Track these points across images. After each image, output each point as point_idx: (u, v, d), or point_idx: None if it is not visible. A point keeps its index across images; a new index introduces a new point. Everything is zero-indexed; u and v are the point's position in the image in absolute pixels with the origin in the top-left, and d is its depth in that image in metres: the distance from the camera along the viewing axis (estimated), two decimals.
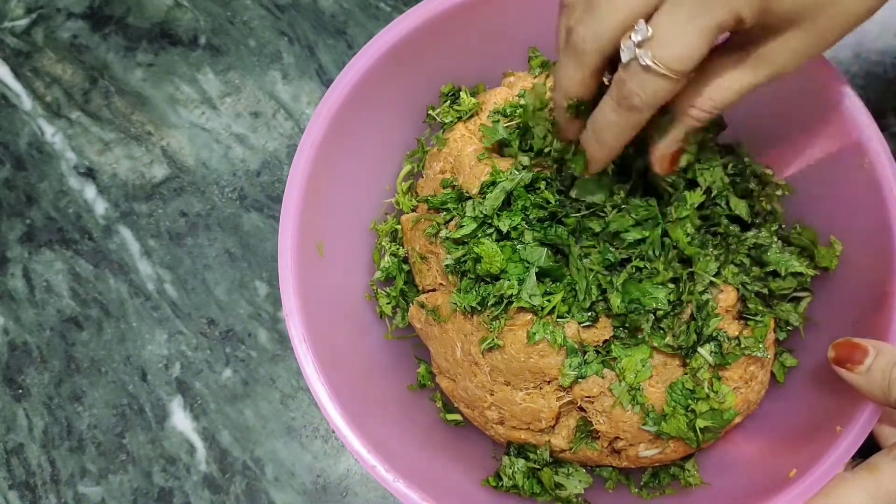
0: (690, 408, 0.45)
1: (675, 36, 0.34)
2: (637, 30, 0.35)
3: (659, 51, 0.35)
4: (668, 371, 0.46)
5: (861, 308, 0.46)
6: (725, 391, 0.46)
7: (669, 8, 0.35)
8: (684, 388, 0.45)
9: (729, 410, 0.46)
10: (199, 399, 0.61)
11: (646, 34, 0.35)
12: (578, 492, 0.48)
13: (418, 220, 0.51)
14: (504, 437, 0.49)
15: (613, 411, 0.45)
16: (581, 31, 0.37)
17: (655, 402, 0.45)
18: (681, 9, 0.34)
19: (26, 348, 0.63)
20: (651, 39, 0.35)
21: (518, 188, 0.47)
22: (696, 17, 0.34)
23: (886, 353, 0.40)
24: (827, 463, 0.41)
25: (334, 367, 0.46)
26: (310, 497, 0.59)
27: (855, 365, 0.41)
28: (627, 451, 0.47)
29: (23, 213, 0.66)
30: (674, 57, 0.35)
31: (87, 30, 0.70)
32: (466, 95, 0.54)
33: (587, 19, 0.37)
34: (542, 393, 0.47)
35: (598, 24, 0.36)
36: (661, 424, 0.45)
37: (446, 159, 0.52)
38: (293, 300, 0.46)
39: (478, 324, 0.47)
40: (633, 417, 0.45)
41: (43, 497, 0.60)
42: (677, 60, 0.35)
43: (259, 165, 0.66)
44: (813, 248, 0.49)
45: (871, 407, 0.42)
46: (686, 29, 0.34)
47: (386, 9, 0.69)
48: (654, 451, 0.47)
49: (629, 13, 0.36)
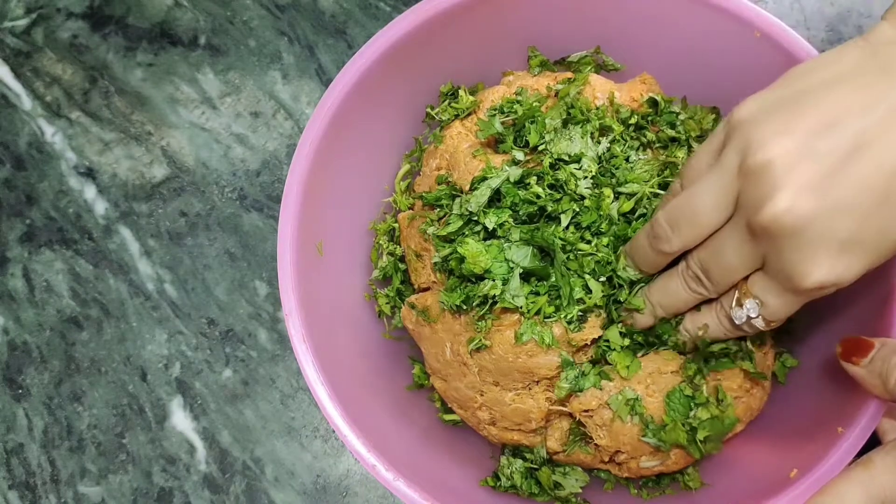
0: (690, 416, 0.45)
1: (783, 309, 0.40)
2: (749, 307, 0.40)
3: (770, 316, 0.40)
4: (665, 379, 0.45)
5: (862, 307, 0.46)
6: (727, 398, 0.46)
7: (773, 288, 0.39)
8: (682, 396, 0.45)
9: (729, 417, 0.45)
10: (199, 399, 0.61)
11: (757, 312, 0.40)
12: (576, 491, 0.48)
13: (413, 218, 0.51)
14: (497, 439, 0.49)
15: (613, 425, 0.45)
16: (702, 290, 0.42)
17: (654, 412, 0.45)
18: (784, 291, 0.39)
19: (26, 348, 0.63)
20: (763, 311, 0.40)
21: (506, 185, 0.47)
22: (796, 301, 0.39)
23: (889, 344, 0.41)
24: (828, 463, 0.41)
25: (334, 367, 0.46)
26: (310, 497, 0.59)
27: (860, 359, 0.41)
28: (629, 463, 0.47)
29: (23, 212, 0.66)
30: (780, 318, 0.41)
31: (86, 30, 0.70)
32: (465, 94, 0.54)
33: (706, 285, 0.42)
34: (532, 394, 0.46)
35: (716, 288, 0.42)
36: (661, 435, 0.45)
37: (442, 156, 0.52)
38: (293, 300, 0.46)
39: (465, 324, 0.47)
40: (633, 430, 0.45)
41: (43, 497, 0.60)
42: (784, 319, 0.41)
43: (259, 165, 0.66)
44: None
45: (873, 407, 0.42)
46: (792, 305, 0.39)
47: (386, 9, 0.69)
48: (655, 463, 0.46)
49: (741, 277, 0.41)
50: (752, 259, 0.39)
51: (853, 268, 0.36)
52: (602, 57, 0.55)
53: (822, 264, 0.36)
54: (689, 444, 0.44)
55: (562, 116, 0.49)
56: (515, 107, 0.50)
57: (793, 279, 0.37)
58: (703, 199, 0.39)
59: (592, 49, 0.55)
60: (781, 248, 0.37)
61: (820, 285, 0.37)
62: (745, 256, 0.39)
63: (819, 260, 0.36)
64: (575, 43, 0.55)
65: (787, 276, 0.37)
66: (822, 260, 0.36)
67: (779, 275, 0.38)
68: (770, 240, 0.37)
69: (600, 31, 0.54)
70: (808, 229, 0.35)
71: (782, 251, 0.37)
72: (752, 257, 0.39)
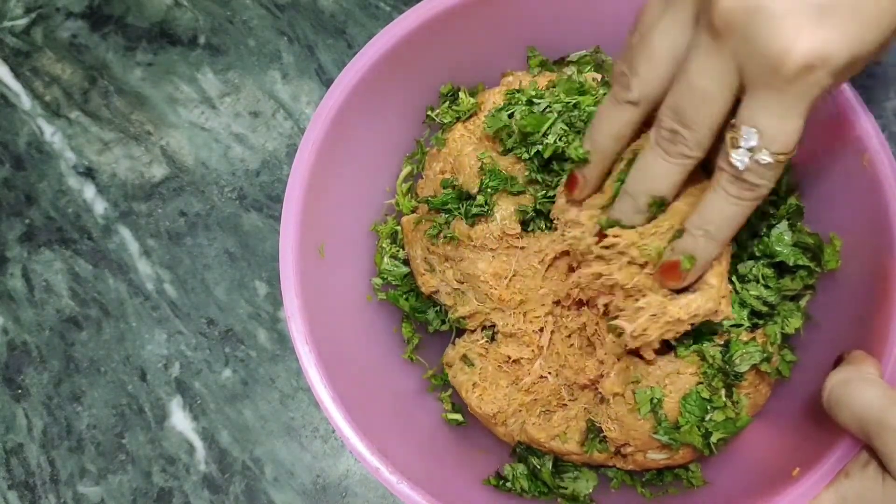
0: (706, 419, 0.45)
1: (782, 129, 0.35)
2: (745, 138, 0.35)
3: (774, 146, 0.35)
4: (682, 380, 0.45)
5: (862, 305, 0.46)
6: (742, 400, 0.46)
7: (762, 102, 0.35)
8: (699, 398, 0.45)
9: (742, 418, 0.46)
10: (199, 399, 0.61)
11: (756, 141, 0.35)
12: (587, 492, 0.49)
13: (419, 222, 0.51)
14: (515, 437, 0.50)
15: (626, 419, 0.45)
16: (682, 147, 0.37)
17: (668, 411, 0.45)
18: (772, 99, 0.34)
19: (25, 348, 0.63)
20: (762, 139, 0.35)
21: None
22: (791, 106, 0.34)
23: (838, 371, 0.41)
24: (830, 461, 0.41)
25: (336, 369, 0.46)
26: (309, 497, 0.59)
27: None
28: (635, 455, 0.47)
29: (22, 212, 0.66)
30: (787, 144, 0.35)
31: (86, 29, 0.70)
32: (465, 95, 0.54)
33: (684, 135, 0.37)
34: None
35: (696, 135, 0.37)
36: (675, 435, 0.45)
37: (446, 159, 0.52)
38: (295, 302, 0.46)
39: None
40: (646, 425, 0.45)
41: (42, 497, 0.60)
42: (790, 144, 0.36)
43: (259, 165, 0.66)
44: (819, 250, 0.48)
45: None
46: (789, 117, 0.35)
47: (386, 9, 0.69)
48: (662, 456, 0.46)
49: (722, 113, 0.36)
50: (727, 74, 0.35)
51: (837, 36, 0.32)
52: (602, 57, 0.55)
53: (800, 32, 0.32)
54: (703, 447, 0.45)
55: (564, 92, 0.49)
56: (518, 96, 0.50)
57: (776, 64, 0.33)
58: (658, 36, 0.36)
59: (592, 49, 0.55)
60: (753, 34, 0.33)
61: (806, 61, 0.32)
62: (717, 73, 0.35)
63: (795, 28, 0.32)
64: (575, 43, 0.55)
65: (770, 65, 0.33)
66: (799, 27, 0.32)
67: (761, 71, 0.34)
68: (737, 31, 0.33)
69: (600, 31, 0.54)
70: (766, 5, 0.32)
71: (756, 36, 0.33)
72: (726, 72, 0.35)
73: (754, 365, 0.45)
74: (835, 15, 0.32)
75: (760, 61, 0.33)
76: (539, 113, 0.48)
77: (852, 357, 0.42)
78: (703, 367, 0.45)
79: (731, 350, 0.46)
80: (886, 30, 0.34)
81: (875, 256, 0.45)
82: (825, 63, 0.33)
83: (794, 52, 0.32)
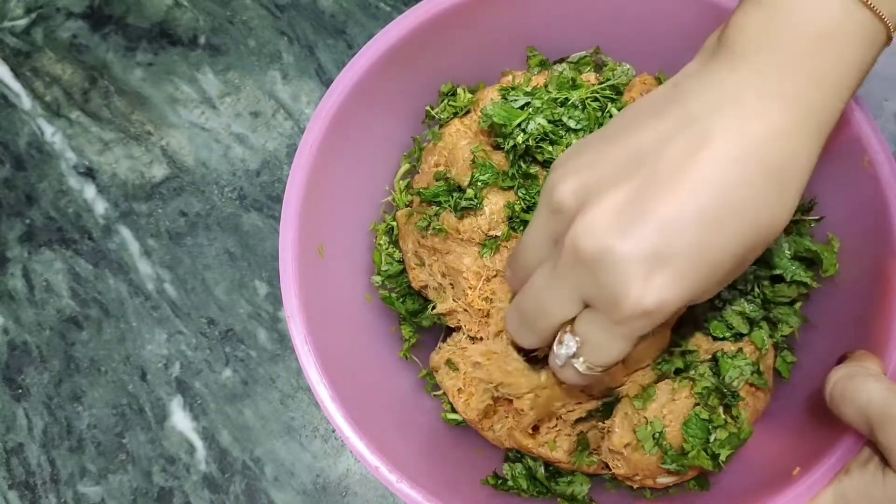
0: (711, 441, 0.45)
1: (607, 350, 0.37)
2: (566, 344, 0.38)
3: (592, 360, 0.38)
4: (679, 405, 0.45)
5: (862, 306, 0.46)
6: (741, 414, 0.46)
7: (597, 323, 0.37)
8: (699, 421, 0.45)
9: (744, 431, 0.45)
10: (199, 399, 0.61)
11: (574, 349, 0.38)
12: (584, 493, 0.49)
13: (411, 214, 0.51)
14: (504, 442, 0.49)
15: (632, 456, 0.45)
16: (530, 335, 0.41)
17: (672, 440, 0.45)
18: (606, 325, 0.36)
19: (26, 348, 0.63)
20: (583, 350, 0.38)
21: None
22: (620, 336, 0.36)
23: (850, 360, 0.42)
24: (830, 461, 0.41)
25: (336, 368, 0.46)
26: (309, 497, 0.59)
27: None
28: (644, 481, 0.47)
29: (22, 212, 0.66)
30: (607, 363, 0.38)
31: (86, 29, 0.70)
32: (464, 92, 0.54)
33: (527, 330, 0.40)
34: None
35: (538, 336, 0.40)
36: (682, 461, 0.45)
37: (441, 153, 0.52)
38: (295, 302, 0.46)
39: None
40: (652, 459, 0.45)
41: (43, 497, 0.60)
42: (610, 363, 0.38)
43: (259, 165, 0.66)
44: (818, 259, 0.48)
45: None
46: (616, 342, 0.37)
47: (386, 9, 0.69)
48: (671, 479, 0.46)
49: (561, 322, 0.38)
50: (569, 298, 0.37)
51: (673, 284, 0.34)
52: (602, 57, 0.55)
53: (639, 279, 0.34)
54: (713, 467, 0.45)
55: (559, 87, 0.49)
56: (514, 92, 0.50)
57: (614, 304, 0.35)
58: (530, 246, 0.40)
59: (592, 49, 0.55)
60: (599, 271, 0.35)
61: (643, 308, 0.34)
62: (560, 295, 0.37)
63: (636, 274, 0.34)
64: (574, 43, 0.55)
65: (610, 303, 0.35)
66: (638, 275, 0.34)
67: (600, 304, 0.36)
68: (587, 265, 0.35)
69: (600, 31, 0.54)
70: (613, 248, 0.34)
71: (601, 274, 0.35)
72: (568, 297, 0.37)
73: (747, 380, 0.46)
74: (673, 264, 0.34)
75: (602, 295, 0.35)
76: (517, 108, 0.48)
77: (856, 355, 0.43)
78: (697, 387, 0.45)
79: (720, 366, 0.46)
80: (723, 276, 0.35)
81: (875, 257, 0.45)
82: (660, 309, 0.34)
83: (631, 298, 0.34)
